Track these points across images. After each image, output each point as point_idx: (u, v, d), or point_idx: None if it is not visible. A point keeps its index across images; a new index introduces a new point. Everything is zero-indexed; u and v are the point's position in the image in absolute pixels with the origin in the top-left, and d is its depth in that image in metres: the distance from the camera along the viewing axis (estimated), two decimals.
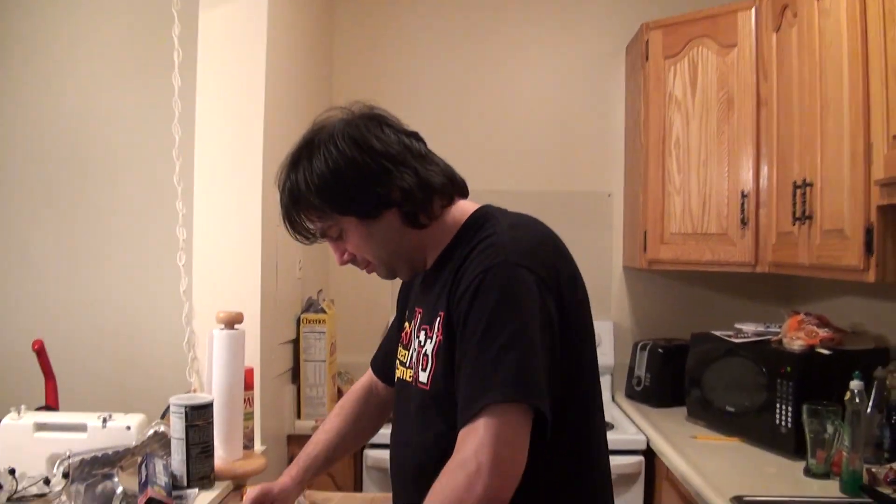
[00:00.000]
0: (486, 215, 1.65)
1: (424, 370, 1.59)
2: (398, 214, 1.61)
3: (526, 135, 3.88)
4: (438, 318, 1.57)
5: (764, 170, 2.93)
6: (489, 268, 1.46)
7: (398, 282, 1.83)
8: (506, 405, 1.35)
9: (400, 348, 1.77)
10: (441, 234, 1.65)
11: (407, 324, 1.76)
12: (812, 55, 2.43)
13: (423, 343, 1.62)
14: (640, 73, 3.42)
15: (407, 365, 1.69)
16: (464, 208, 1.68)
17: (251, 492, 1.88)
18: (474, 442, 1.34)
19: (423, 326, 1.64)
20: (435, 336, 1.57)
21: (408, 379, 1.67)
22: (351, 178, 1.57)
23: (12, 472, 1.47)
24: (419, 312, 1.69)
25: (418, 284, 1.75)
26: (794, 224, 2.53)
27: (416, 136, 1.68)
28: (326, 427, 2.02)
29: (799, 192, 2.47)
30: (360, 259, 1.69)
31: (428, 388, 1.57)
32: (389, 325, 2.11)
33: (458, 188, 1.70)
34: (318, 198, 1.60)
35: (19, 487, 1.47)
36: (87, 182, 3.72)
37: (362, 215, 1.60)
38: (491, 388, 1.36)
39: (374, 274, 1.72)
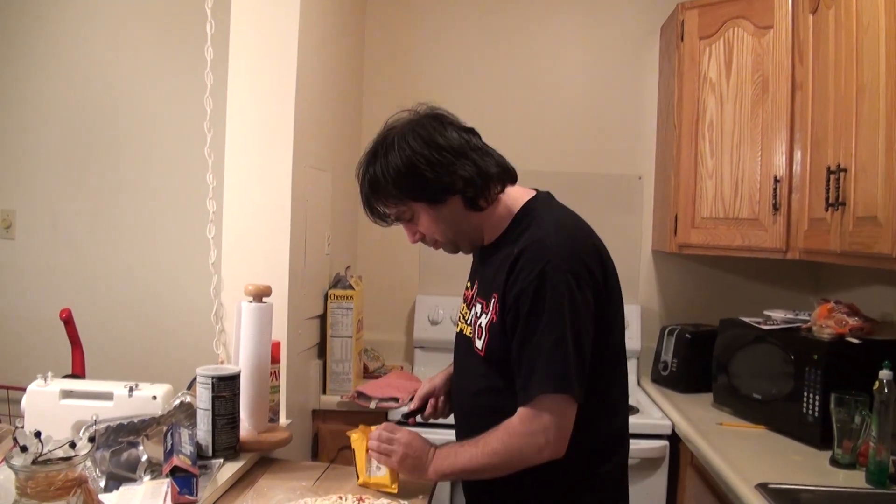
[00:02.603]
0: (534, 210, 1.95)
1: (479, 338, 1.94)
2: (461, 200, 1.90)
3: (557, 116, 3.86)
4: (493, 299, 1.90)
5: (797, 155, 2.89)
6: (542, 272, 1.78)
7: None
8: (557, 395, 1.77)
9: (463, 305, 2.13)
10: (497, 218, 1.97)
11: (469, 287, 2.10)
12: (849, 38, 2.39)
13: (478, 315, 1.97)
14: (675, 54, 3.38)
15: (468, 323, 2.04)
16: (516, 196, 1.98)
17: (420, 390, 2.28)
18: (540, 423, 1.77)
19: (479, 300, 1.98)
20: (490, 313, 1.91)
21: (467, 334, 2.03)
22: (421, 169, 1.86)
23: (38, 434, 1.48)
24: (477, 283, 2.04)
25: (477, 256, 2.09)
26: (826, 210, 2.50)
27: (472, 131, 1.97)
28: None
29: (832, 177, 2.43)
30: (429, 238, 1.99)
31: (483, 354, 1.93)
32: None
33: (509, 176, 1.98)
34: (395, 187, 1.89)
35: (44, 450, 1.48)
36: (117, 153, 3.76)
37: (431, 201, 1.90)
38: (546, 378, 1.77)
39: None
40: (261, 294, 2.35)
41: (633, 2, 3.84)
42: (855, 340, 2.55)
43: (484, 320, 1.93)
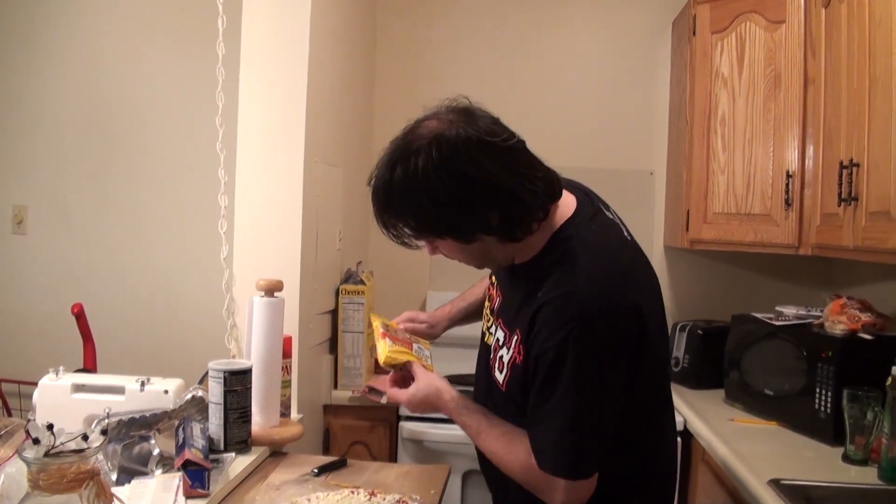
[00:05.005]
0: (570, 239, 1.67)
1: (500, 372, 1.77)
2: (495, 237, 1.64)
3: (568, 111, 3.85)
4: (516, 337, 1.69)
5: (810, 149, 2.87)
6: (564, 340, 1.55)
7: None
8: (574, 479, 1.60)
9: (486, 304, 1.99)
10: (532, 242, 1.69)
11: (493, 286, 1.95)
12: (861, 32, 2.37)
13: (500, 343, 1.79)
14: (687, 49, 3.37)
15: (492, 332, 1.87)
16: (555, 213, 1.70)
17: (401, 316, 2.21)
18: (555, 487, 1.61)
19: (503, 326, 1.79)
20: (512, 350, 1.71)
21: (489, 342, 1.87)
22: (449, 208, 1.57)
23: (50, 427, 1.48)
24: (500, 298, 1.87)
25: (505, 269, 1.83)
26: (839, 205, 2.48)
27: (516, 147, 1.65)
28: (468, 294, 2.30)
29: (845, 172, 2.42)
30: (452, 258, 1.77)
31: (504, 389, 1.76)
32: None
33: (554, 196, 1.70)
34: (415, 220, 1.63)
35: (57, 443, 1.49)
36: (129, 148, 3.77)
37: (459, 239, 1.65)
38: (559, 463, 1.60)
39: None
40: (272, 289, 2.35)
41: None
42: (867, 336, 2.53)
43: (506, 355, 1.75)
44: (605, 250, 1.68)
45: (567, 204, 1.74)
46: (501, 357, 1.77)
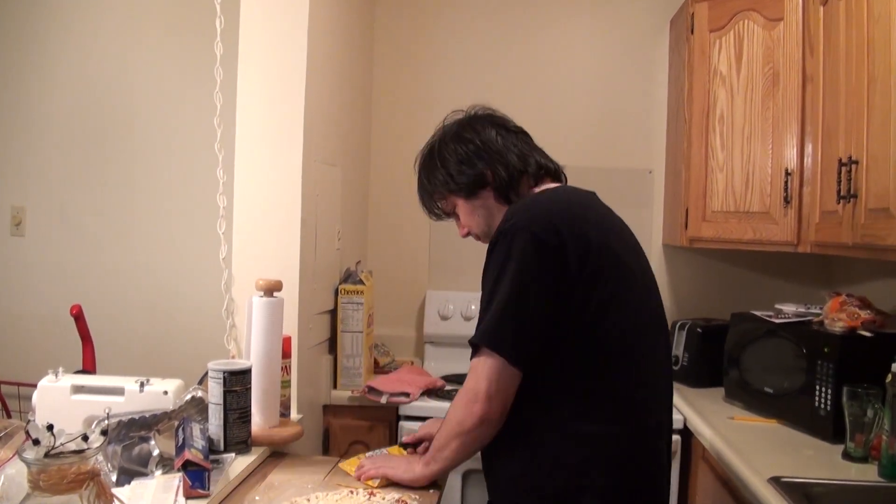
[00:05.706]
0: (545, 191, 1.97)
1: None
2: (493, 193, 1.97)
3: (566, 109, 3.85)
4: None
5: (808, 147, 2.88)
6: (498, 234, 1.79)
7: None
8: (492, 352, 1.74)
9: None
10: None
11: None
12: (860, 29, 2.37)
13: None
14: (685, 47, 3.37)
15: None
16: (543, 188, 2.00)
17: (423, 428, 2.31)
18: (475, 375, 1.76)
19: None
20: None
21: None
22: (451, 163, 1.99)
23: (50, 428, 1.48)
24: None
25: None
26: (838, 203, 2.48)
27: (518, 132, 2.06)
28: None
29: (844, 169, 2.42)
30: (472, 232, 2.06)
31: None
32: None
33: (550, 174, 2.04)
34: (429, 182, 2.05)
35: (57, 444, 1.48)
36: (127, 149, 3.77)
37: (464, 194, 2.00)
38: (484, 331, 1.76)
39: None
40: (271, 289, 2.35)
41: None
42: (867, 333, 2.53)
43: None
44: (567, 188, 2.03)
45: (553, 185, 2.03)
46: None
